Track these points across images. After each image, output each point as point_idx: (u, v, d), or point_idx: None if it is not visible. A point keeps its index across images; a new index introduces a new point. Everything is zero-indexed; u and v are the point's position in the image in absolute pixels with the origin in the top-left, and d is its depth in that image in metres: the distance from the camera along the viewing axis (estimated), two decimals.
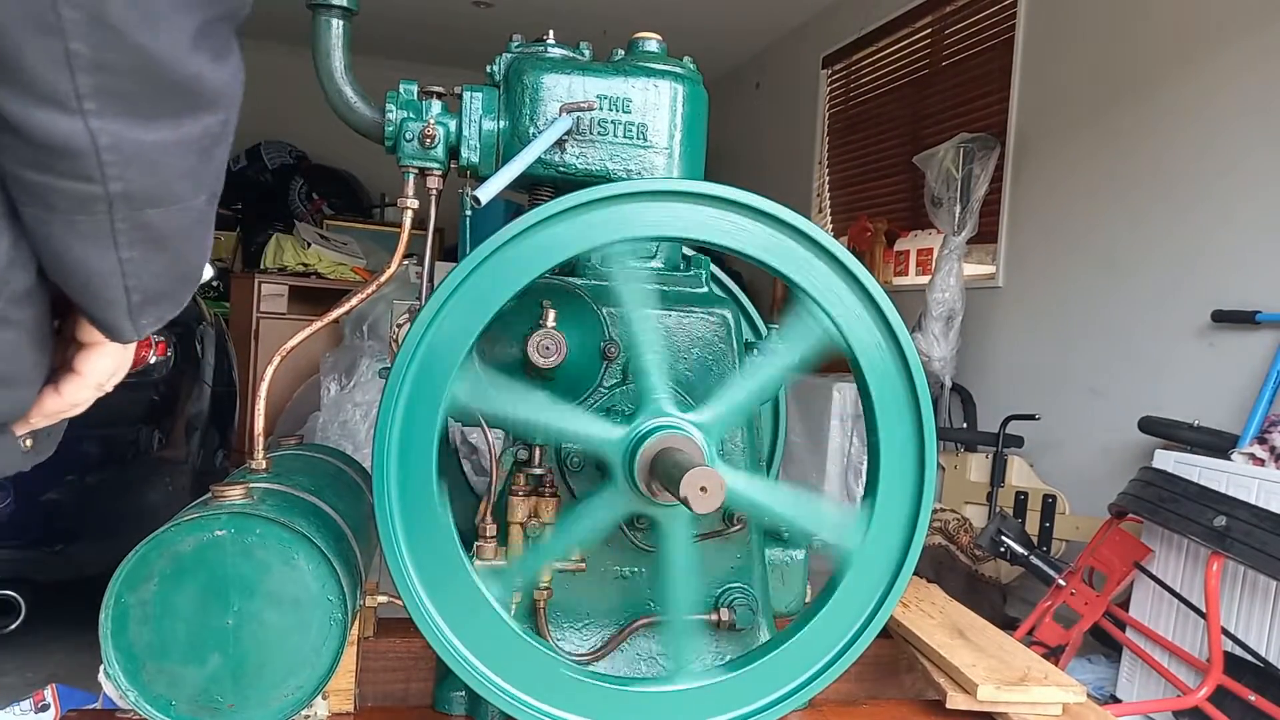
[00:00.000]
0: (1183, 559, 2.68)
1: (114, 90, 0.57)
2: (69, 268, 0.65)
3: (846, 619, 1.25)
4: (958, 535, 3.60)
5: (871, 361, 1.20)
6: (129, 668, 1.12)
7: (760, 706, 1.24)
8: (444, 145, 1.37)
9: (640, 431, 1.15)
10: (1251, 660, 2.46)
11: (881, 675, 1.76)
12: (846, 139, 5.72)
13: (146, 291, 0.68)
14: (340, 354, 4.75)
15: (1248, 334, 3.01)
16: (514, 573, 1.27)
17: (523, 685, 1.19)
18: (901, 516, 1.23)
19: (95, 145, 0.58)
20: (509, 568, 1.29)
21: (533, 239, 1.12)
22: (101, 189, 0.60)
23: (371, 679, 1.53)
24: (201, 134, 0.63)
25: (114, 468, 2.75)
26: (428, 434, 1.13)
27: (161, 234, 0.65)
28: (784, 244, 1.18)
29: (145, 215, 0.63)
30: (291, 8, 2.44)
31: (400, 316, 1.38)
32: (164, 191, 0.63)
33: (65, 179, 0.59)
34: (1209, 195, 3.20)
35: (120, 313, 0.68)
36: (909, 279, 4.94)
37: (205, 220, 0.69)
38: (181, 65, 0.58)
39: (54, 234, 0.62)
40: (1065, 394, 3.77)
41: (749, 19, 6.10)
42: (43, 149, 0.57)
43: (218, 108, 0.63)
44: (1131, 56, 3.57)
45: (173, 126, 0.61)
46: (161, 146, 0.61)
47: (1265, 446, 2.65)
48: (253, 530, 1.14)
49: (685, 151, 1.44)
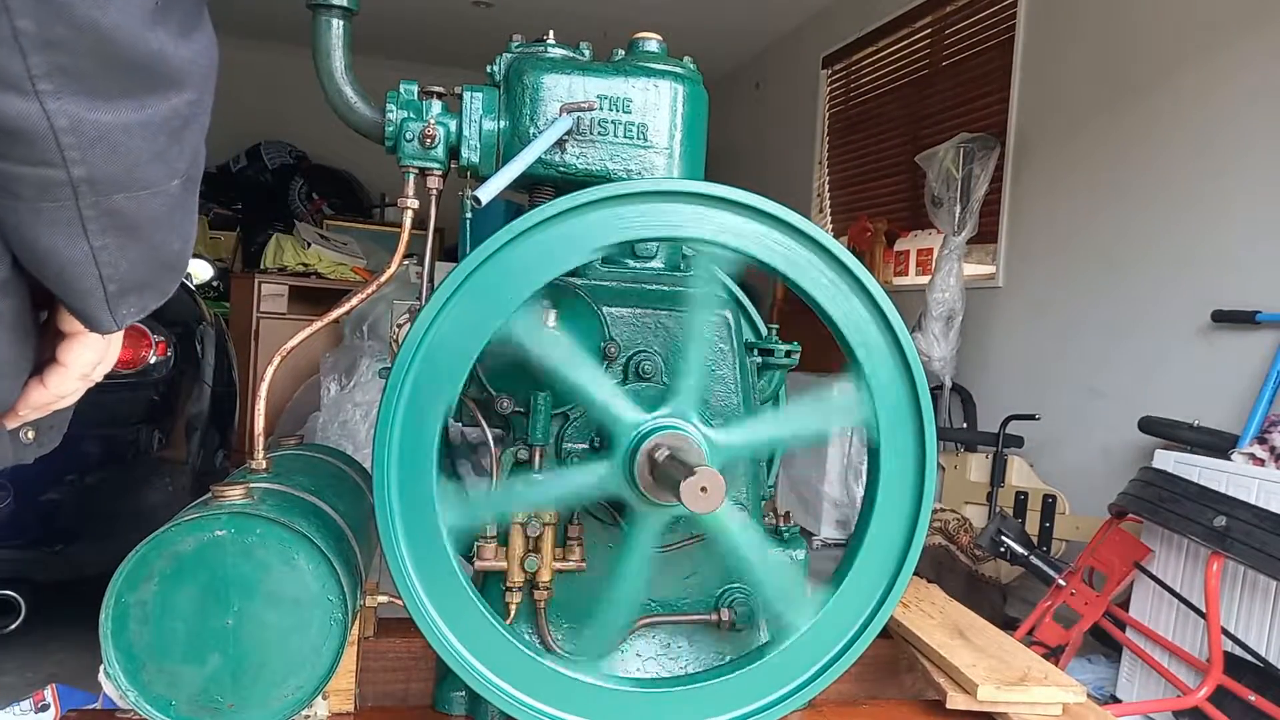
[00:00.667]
0: (1183, 559, 2.68)
1: (69, 70, 0.54)
2: (41, 258, 0.63)
3: (846, 619, 1.25)
4: (958, 535, 3.60)
5: (871, 362, 1.21)
6: (129, 668, 1.12)
7: (760, 706, 1.24)
8: (444, 145, 1.37)
9: (658, 424, 1.15)
10: (1251, 660, 2.46)
11: (881, 675, 1.76)
12: (846, 139, 5.72)
13: (124, 281, 0.66)
14: (340, 354, 4.75)
15: (1247, 334, 3.01)
16: (480, 506, 1.26)
17: (523, 685, 1.19)
18: (901, 516, 1.23)
19: (52, 127, 0.56)
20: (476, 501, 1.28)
21: (533, 239, 1.12)
22: (64, 173, 0.58)
23: (371, 679, 1.53)
24: (169, 114, 0.60)
25: (114, 468, 2.75)
26: (428, 434, 1.13)
27: (134, 221, 0.63)
28: (784, 244, 1.18)
29: (114, 201, 0.61)
30: (291, 8, 2.44)
31: (400, 316, 1.38)
32: (131, 176, 0.61)
33: (24, 164, 0.57)
34: (1209, 195, 3.21)
35: (97, 302, 0.66)
36: (909, 279, 4.94)
37: (183, 206, 0.67)
38: (140, 41, 0.56)
39: (22, 223, 0.61)
40: (1065, 394, 3.77)
41: (749, 19, 6.11)
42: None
43: (185, 87, 0.60)
44: (1131, 56, 3.57)
45: (136, 107, 0.58)
46: (125, 128, 0.58)
47: (1265, 446, 2.65)
48: (253, 530, 1.14)
49: (685, 151, 1.44)
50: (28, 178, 0.58)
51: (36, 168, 0.57)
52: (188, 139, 0.63)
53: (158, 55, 0.57)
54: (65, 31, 0.53)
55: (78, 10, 0.53)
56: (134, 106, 0.58)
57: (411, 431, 1.13)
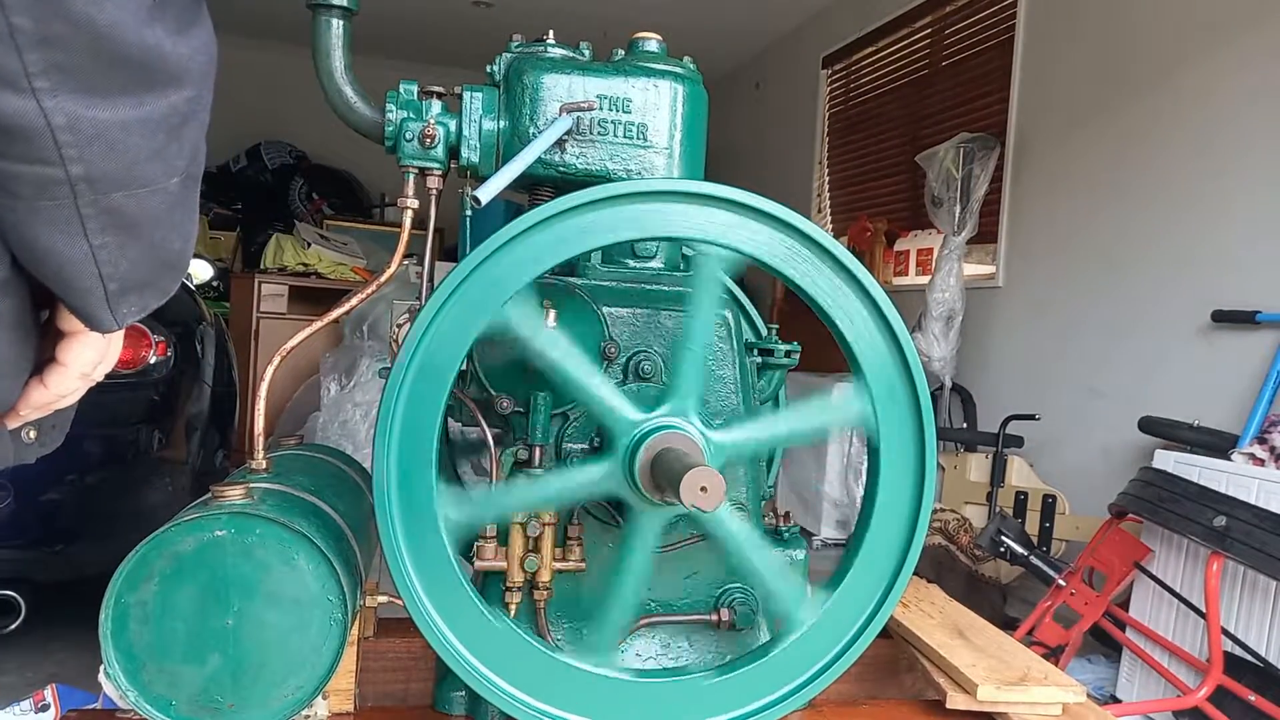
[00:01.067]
0: (1183, 559, 2.68)
1: (66, 67, 0.54)
2: (39, 256, 0.62)
3: (846, 619, 1.25)
4: (958, 535, 3.60)
5: (871, 362, 1.21)
6: (129, 668, 1.12)
7: (760, 706, 1.24)
8: (444, 145, 1.37)
9: (658, 424, 1.15)
10: (1251, 660, 2.46)
11: (881, 675, 1.76)
12: (846, 139, 5.72)
13: (124, 280, 0.66)
14: (340, 354, 4.75)
15: (1247, 334, 3.01)
16: (481, 505, 1.26)
17: (522, 685, 1.19)
18: (901, 516, 1.23)
19: (49, 125, 0.55)
20: (477, 500, 1.28)
21: (533, 239, 1.12)
22: (61, 171, 0.57)
23: (371, 679, 1.53)
24: (168, 111, 0.60)
25: (114, 468, 2.75)
26: (428, 434, 1.13)
27: (133, 219, 0.63)
28: (784, 244, 1.18)
29: (112, 199, 0.60)
30: (291, 8, 2.44)
31: (400, 316, 1.38)
32: (130, 174, 0.60)
33: (22, 163, 0.57)
34: (1209, 195, 3.21)
35: (97, 301, 0.66)
36: (909, 279, 4.94)
37: (184, 204, 0.66)
38: (136, 38, 0.55)
39: (20, 221, 0.60)
40: (1065, 394, 3.77)
41: (749, 19, 6.11)
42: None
43: (184, 83, 0.60)
44: (1131, 56, 3.57)
45: (134, 104, 0.58)
46: (123, 125, 0.58)
47: (1265, 446, 2.65)
48: (253, 530, 1.14)
49: (685, 151, 1.44)
50: (25, 176, 0.57)
51: (34, 166, 0.57)
52: (187, 136, 0.63)
53: (155, 52, 0.57)
54: (62, 28, 0.53)
55: (74, 7, 0.52)
56: (132, 104, 0.58)
57: (411, 431, 1.13)
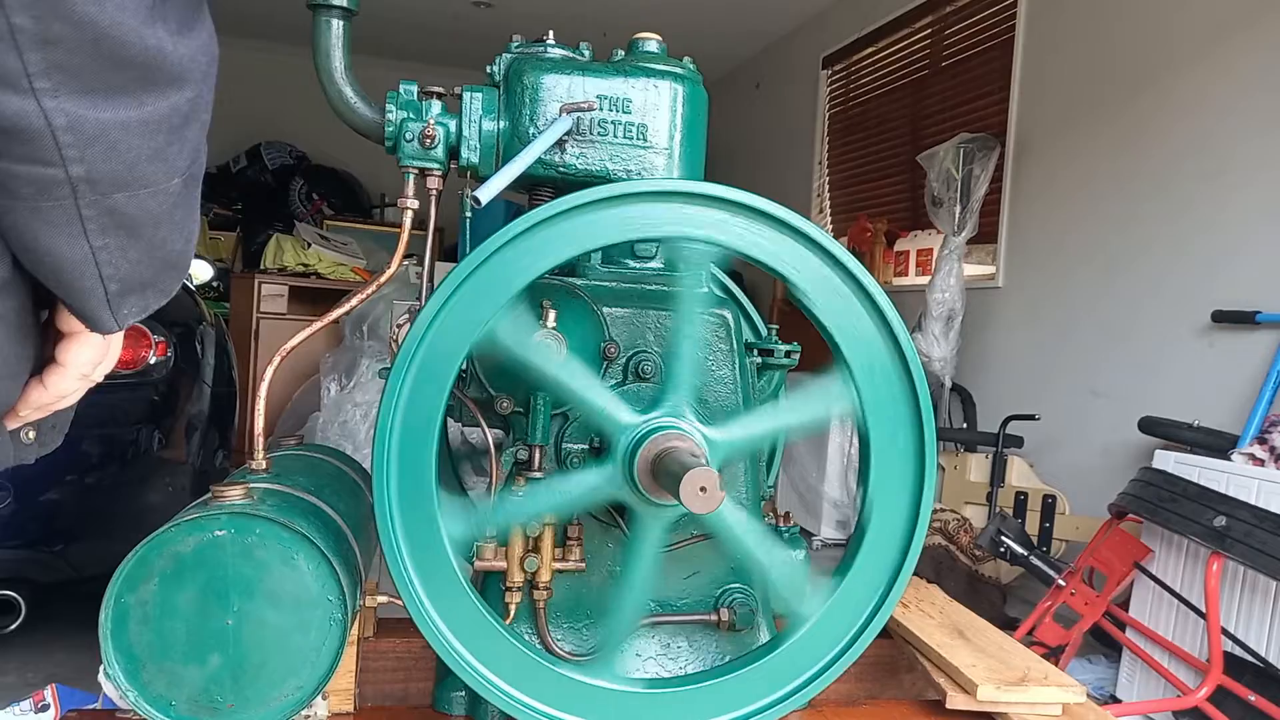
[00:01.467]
0: (1183, 559, 2.68)
1: (66, 67, 0.54)
2: (39, 257, 0.62)
3: (846, 619, 1.25)
4: (958, 535, 3.60)
5: (871, 362, 1.21)
6: (129, 668, 1.12)
7: (760, 706, 1.24)
8: (444, 145, 1.37)
9: (654, 425, 1.15)
10: (1251, 660, 2.46)
11: (881, 675, 1.76)
12: (846, 139, 5.72)
13: (125, 280, 0.65)
14: (340, 354, 4.75)
15: (1247, 334, 3.01)
16: (483, 518, 1.26)
17: (522, 685, 1.19)
18: (901, 517, 1.23)
19: (50, 126, 0.55)
20: (479, 512, 1.28)
21: (533, 239, 1.12)
22: (62, 172, 0.57)
23: (371, 679, 1.53)
24: (169, 112, 0.60)
25: (114, 468, 2.75)
26: (428, 434, 1.13)
27: (134, 220, 0.63)
28: (784, 244, 1.18)
29: (113, 200, 0.60)
30: (291, 8, 2.44)
31: (400, 316, 1.38)
32: (131, 174, 0.60)
33: (23, 163, 0.57)
34: (1208, 195, 3.21)
35: (98, 302, 0.66)
36: (909, 279, 4.94)
37: (185, 204, 0.66)
38: (137, 38, 0.55)
39: (20, 222, 0.60)
40: (1065, 394, 3.77)
41: (749, 19, 6.11)
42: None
43: (185, 84, 0.60)
44: (1131, 56, 3.57)
45: (135, 105, 0.57)
46: (123, 126, 0.58)
47: (1265, 446, 2.65)
48: (253, 530, 1.14)
49: (685, 152, 1.44)
50: (26, 177, 0.57)
51: (34, 167, 0.57)
52: (188, 136, 0.63)
53: (156, 52, 0.57)
54: (63, 29, 0.52)
55: (75, 7, 0.52)
56: (132, 104, 0.57)
57: (411, 432, 1.13)
